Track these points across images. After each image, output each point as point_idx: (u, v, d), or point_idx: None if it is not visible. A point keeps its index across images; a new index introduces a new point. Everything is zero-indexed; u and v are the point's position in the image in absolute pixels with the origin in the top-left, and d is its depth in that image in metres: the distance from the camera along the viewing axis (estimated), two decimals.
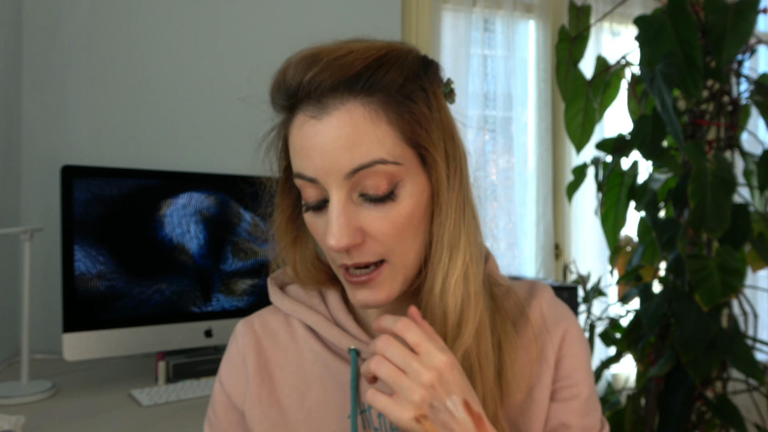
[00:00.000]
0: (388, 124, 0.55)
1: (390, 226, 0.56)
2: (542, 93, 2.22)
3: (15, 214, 1.62)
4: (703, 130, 1.48)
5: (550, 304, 0.68)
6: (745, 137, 1.60)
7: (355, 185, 0.55)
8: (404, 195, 0.56)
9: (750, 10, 1.32)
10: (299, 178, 0.58)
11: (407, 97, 0.56)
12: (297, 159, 0.57)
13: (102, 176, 1.40)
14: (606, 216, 1.60)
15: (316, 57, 0.55)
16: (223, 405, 0.69)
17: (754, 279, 2.44)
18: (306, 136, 0.55)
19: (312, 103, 0.55)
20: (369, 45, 0.56)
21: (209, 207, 1.52)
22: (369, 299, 0.58)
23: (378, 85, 0.55)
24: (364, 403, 0.64)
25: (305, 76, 0.54)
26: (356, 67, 0.54)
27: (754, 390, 1.49)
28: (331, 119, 0.54)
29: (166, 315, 1.44)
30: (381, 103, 0.55)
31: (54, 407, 1.23)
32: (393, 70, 0.56)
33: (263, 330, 0.69)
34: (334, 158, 0.54)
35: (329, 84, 0.54)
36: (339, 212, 0.55)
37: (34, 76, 1.65)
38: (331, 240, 0.55)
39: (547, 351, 0.65)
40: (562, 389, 0.65)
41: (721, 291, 1.29)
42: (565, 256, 2.27)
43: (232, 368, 0.69)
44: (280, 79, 0.57)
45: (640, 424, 1.56)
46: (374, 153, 0.54)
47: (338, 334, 0.65)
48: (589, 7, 1.62)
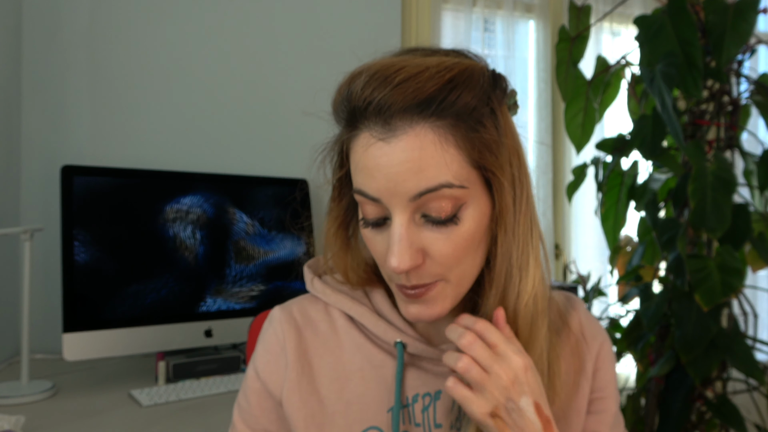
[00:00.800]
0: (456, 148, 0.54)
1: (451, 248, 0.56)
2: (542, 93, 2.22)
3: (15, 214, 1.62)
4: (703, 130, 1.48)
5: (587, 317, 0.71)
6: (745, 137, 1.60)
7: (418, 207, 0.55)
8: (467, 217, 0.56)
9: (750, 10, 1.32)
10: (360, 195, 0.57)
11: (477, 121, 0.55)
12: (360, 176, 0.56)
13: (102, 176, 1.40)
14: (606, 216, 1.60)
15: (387, 76, 0.53)
16: (257, 392, 0.68)
17: (754, 279, 2.44)
18: (372, 156, 0.54)
19: (380, 123, 0.54)
20: (440, 63, 0.54)
21: (209, 207, 1.52)
22: (422, 314, 0.59)
23: (449, 108, 0.54)
24: (407, 397, 0.64)
25: (375, 95, 0.53)
26: (428, 89, 0.53)
27: (754, 390, 1.49)
28: (399, 142, 0.53)
29: (166, 315, 1.44)
30: (450, 126, 0.54)
31: (54, 407, 1.23)
32: (465, 93, 0.54)
33: (303, 318, 0.69)
34: (400, 181, 0.53)
35: (400, 107, 0.53)
36: (402, 234, 0.55)
37: (34, 75, 1.65)
38: (393, 262, 0.54)
39: (587, 362, 0.67)
40: (596, 401, 0.68)
41: (721, 291, 1.29)
42: (565, 256, 2.27)
43: (269, 354, 0.68)
44: (345, 92, 0.56)
45: (640, 424, 1.56)
46: (441, 177, 0.53)
47: (384, 326, 0.65)
48: (589, 7, 1.62)
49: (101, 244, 1.38)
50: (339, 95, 0.57)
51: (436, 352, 0.64)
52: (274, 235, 1.60)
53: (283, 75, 1.87)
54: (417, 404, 0.64)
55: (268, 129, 1.85)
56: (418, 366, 0.65)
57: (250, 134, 1.84)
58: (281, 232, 1.62)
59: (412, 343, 0.64)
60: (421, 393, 0.64)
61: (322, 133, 0.64)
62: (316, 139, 0.64)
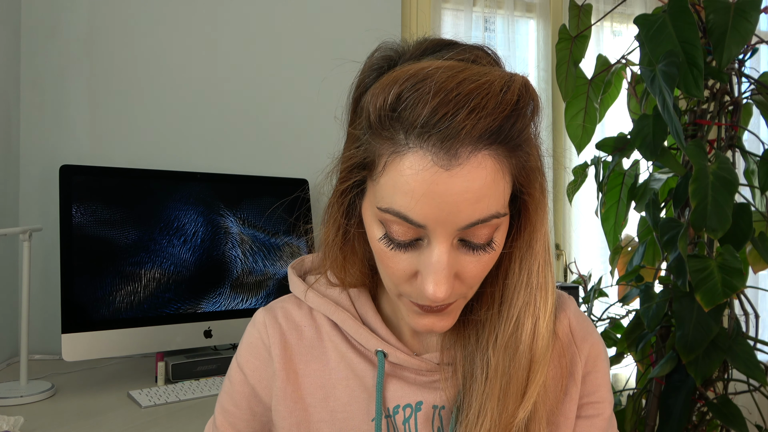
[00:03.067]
0: (510, 176, 0.52)
1: (481, 270, 0.54)
2: (543, 93, 2.22)
3: (14, 214, 1.62)
4: (704, 130, 1.47)
5: (578, 317, 0.68)
6: (746, 137, 1.60)
7: (461, 234, 0.52)
8: (498, 239, 0.54)
9: (751, 10, 1.32)
10: (398, 217, 0.51)
11: (529, 146, 0.53)
12: (403, 199, 0.50)
13: (101, 176, 1.40)
14: (606, 216, 1.59)
15: (456, 96, 0.48)
16: (246, 396, 0.67)
17: (755, 279, 2.43)
18: (425, 181, 0.48)
19: (440, 147, 0.48)
20: (500, 79, 0.50)
21: (209, 206, 1.51)
22: (436, 326, 0.57)
23: (510, 136, 0.50)
24: (389, 408, 0.63)
25: (445, 120, 0.47)
26: (499, 119, 0.48)
27: (755, 390, 1.49)
28: (461, 170, 0.48)
29: (165, 315, 1.44)
30: (507, 154, 0.51)
31: (53, 408, 1.23)
32: (523, 121, 0.51)
33: (287, 323, 0.68)
34: (456, 211, 0.49)
35: (469, 135, 0.48)
36: (444, 263, 0.51)
37: (32, 75, 1.65)
38: (432, 290, 0.51)
39: (575, 366, 0.65)
40: (588, 405, 0.65)
41: (722, 291, 1.28)
42: (566, 256, 2.27)
43: (257, 360, 0.67)
44: (396, 101, 0.49)
45: (641, 425, 1.56)
46: (493, 207, 0.51)
47: (366, 334, 0.63)
48: (590, 7, 1.61)
49: (100, 244, 1.37)
50: (383, 102, 0.50)
51: (417, 362, 0.63)
52: (274, 235, 1.60)
53: (282, 75, 1.87)
54: (398, 415, 0.63)
55: (269, 129, 1.85)
56: (400, 376, 0.64)
57: (250, 134, 1.83)
58: (282, 231, 1.61)
59: (393, 352, 0.63)
60: (402, 404, 0.63)
61: (324, 134, 0.62)
62: (318, 141, 0.63)
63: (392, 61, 0.56)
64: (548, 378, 0.61)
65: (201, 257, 1.49)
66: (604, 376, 0.67)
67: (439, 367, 0.63)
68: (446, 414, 0.63)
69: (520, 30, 2.24)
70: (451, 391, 0.62)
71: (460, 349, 0.62)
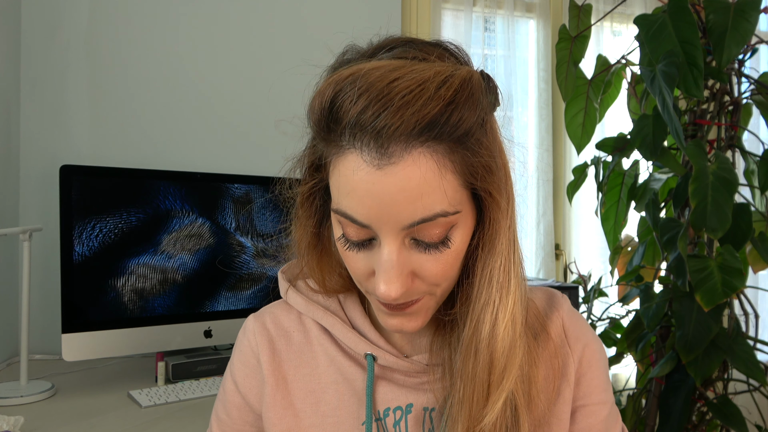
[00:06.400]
0: (453, 173, 0.50)
1: (441, 268, 0.53)
2: (542, 93, 2.22)
3: (14, 214, 1.62)
4: (704, 130, 1.47)
5: (571, 317, 0.67)
6: (746, 137, 1.60)
7: (410, 233, 0.51)
8: (456, 237, 0.53)
9: (751, 10, 1.32)
10: (345, 218, 0.52)
11: (477, 141, 0.51)
12: (346, 200, 0.51)
13: (101, 176, 1.40)
14: (606, 216, 1.60)
15: (385, 96, 0.47)
16: (238, 406, 0.68)
17: (755, 279, 2.43)
18: (362, 181, 0.49)
19: (374, 148, 0.48)
20: (438, 74, 0.48)
21: (209, 206, 1.51)
22: (404, 326, 0.57)
23: (448, 132, 0.48)
24: (379, 411, 0.63)
25: (371, 119, 0.47)
26: (430, 113, 0.47)
27: (755, 390, 1.49)
28: (394, 168, 0.48)
29: (165, 315, 1.44)
30: (448, 151, 0.49)
31: (53, 408, 1.23)
32: (466, 114, 0.49)
33: (276, 329, 0.68)
34: (395, 211, 0.49)
35: (399, 133, 0.47)
36: (394, 262, 0.51)
37: (32, 75, 1.65)
38: (383, 289, 0.51)
39: (568, 367, 0.64)
40: (583, 408, 0.64)
41: (722, 291, 1.28)
42: (566, 256, 2.27)
43: (247, 368, 0.68)
44: (329, 104, 0.49)
45: (641, 425, 1.56)
46: (437, 206, 0.50)
47: (355, 338, 0.63)
48: (590, 7, 1.61)
49: (100, 245, 1.37)
50: (320, 105, 0.50)
51: (406, 365, 0.62)
52: (274, 235, 1.60)
53: (282, 76, 1.87)
54: (388, 418, 0.62)
55: (269, 129, 1.85)
56: (389, 379, 0.64)
57: (250, 134, 1.83)
58: (281, 231, 1.61)
59: (382, 355, 0.62)
60: (392, 407, 0.63)
61: None
62: None
63: (347, 63, 0.55)
64: (539, 379, 0.60)
65: (201, 257, 1.49)
66: (600, 378, 0.65)
67: (428, 369, 0.62)
68: (437, 416, 0.63)
69: (520, 30, 2.24)
70: (441, 392, 0.61)
71: (448, 349, 0.61)
